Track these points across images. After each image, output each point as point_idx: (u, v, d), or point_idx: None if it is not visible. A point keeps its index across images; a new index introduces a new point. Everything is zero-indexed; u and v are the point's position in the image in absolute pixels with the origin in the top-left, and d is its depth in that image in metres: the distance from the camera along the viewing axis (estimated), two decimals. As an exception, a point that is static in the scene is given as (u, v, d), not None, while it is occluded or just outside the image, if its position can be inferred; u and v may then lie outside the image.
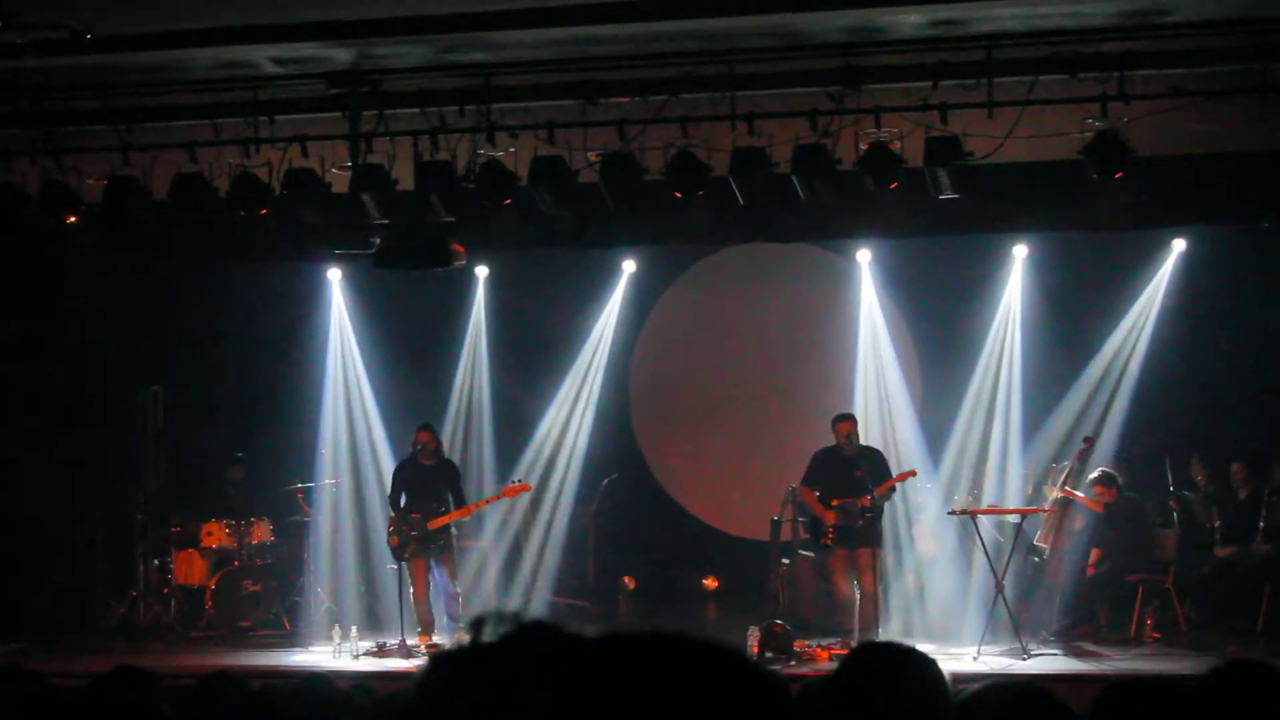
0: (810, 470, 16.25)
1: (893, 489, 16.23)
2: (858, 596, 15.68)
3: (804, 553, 17.61)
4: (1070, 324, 18.21)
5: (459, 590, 16.60)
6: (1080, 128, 13.87)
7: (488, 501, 17.44)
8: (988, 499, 17.41)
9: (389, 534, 16.59)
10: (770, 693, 1.91)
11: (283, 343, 19.37)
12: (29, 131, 15.27)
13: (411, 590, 16.40)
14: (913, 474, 16.74)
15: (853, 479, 15.79)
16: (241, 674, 7.24)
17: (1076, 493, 16.76)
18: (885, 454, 16.85)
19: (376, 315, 19.45)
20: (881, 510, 16.06)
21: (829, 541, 15.87)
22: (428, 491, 16.53)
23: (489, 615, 1.90)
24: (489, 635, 1.87)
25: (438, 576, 16.53)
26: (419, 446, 16.68)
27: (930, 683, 3.93)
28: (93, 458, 18.87)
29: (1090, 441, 17.04)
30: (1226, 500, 17.36)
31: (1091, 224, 15.74)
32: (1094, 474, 16.92)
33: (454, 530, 16.83)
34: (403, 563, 16.41)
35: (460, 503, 16.65)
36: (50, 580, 18.21)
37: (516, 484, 17.54)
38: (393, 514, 16.61)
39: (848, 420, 16.35)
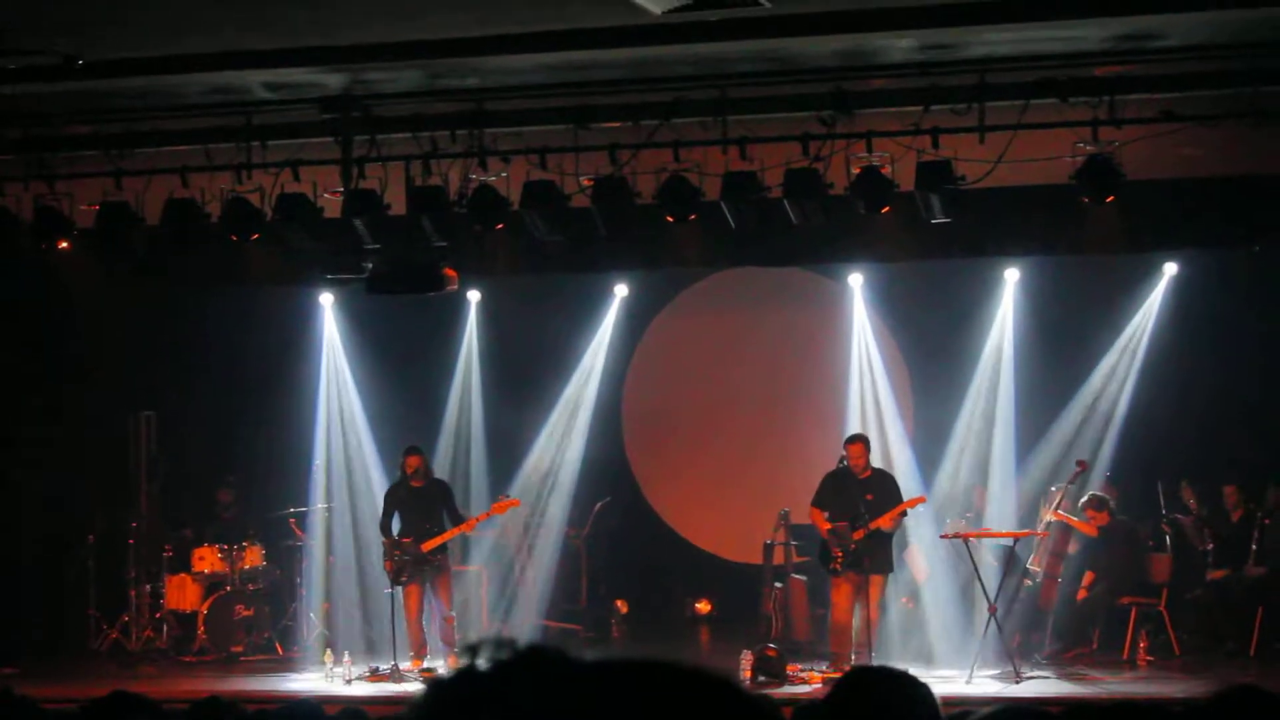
0: (818, 492, 16.12)
1: (903, 514, 16.06)
2: (855, 621, 15.60)
3: (797, 576, 17.58)
4: (1062, 347, 18.20)
5: (453, 614, 16.56)
6: (1071, 151, 13.90)
7: (479, 519, 17.30)
8: (980, 522, 17.39)
9: (384, 559, 16.53)
10: (762, 718, 1.92)
11: (275, 368, 19.34)
12: (21, 157, 15.28)
13: (405, 614, 16.37)
14: (922, 500, 16.68)
15: (856, 504, 15.63)
16: (234, 699, 7.24)
17: (1070, 516, 16.75)
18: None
19: (369, 340, 19.42)
20: (890, 536, 15.95)
21: (838, 567, 15.73)
22: (422, 513, 16.49)
23: (485, 640, 1.90)
24: (486, 660, 1.88)
25: (433, 600, 16.50)
26: (410, 470, 16.64)
27: (922, 707, 3.94)
28: (85, 482, 18.85)
29: (1083, 465, 17.03)
30: (1219, 523, 17.35)
31: (1083, 248, 15.77)
32: (1085, 497, 16.94)
33: (449, 552, 16.79)
34: (399, 587, 16.37)
35: (455, 521, 16.60)
36: (42, 604, 18.17)
37: (505, 499, 17.44)
38: (385, 539, 16.56)
39: (857, 442, 16.17)
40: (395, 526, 16.57)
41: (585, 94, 14.23)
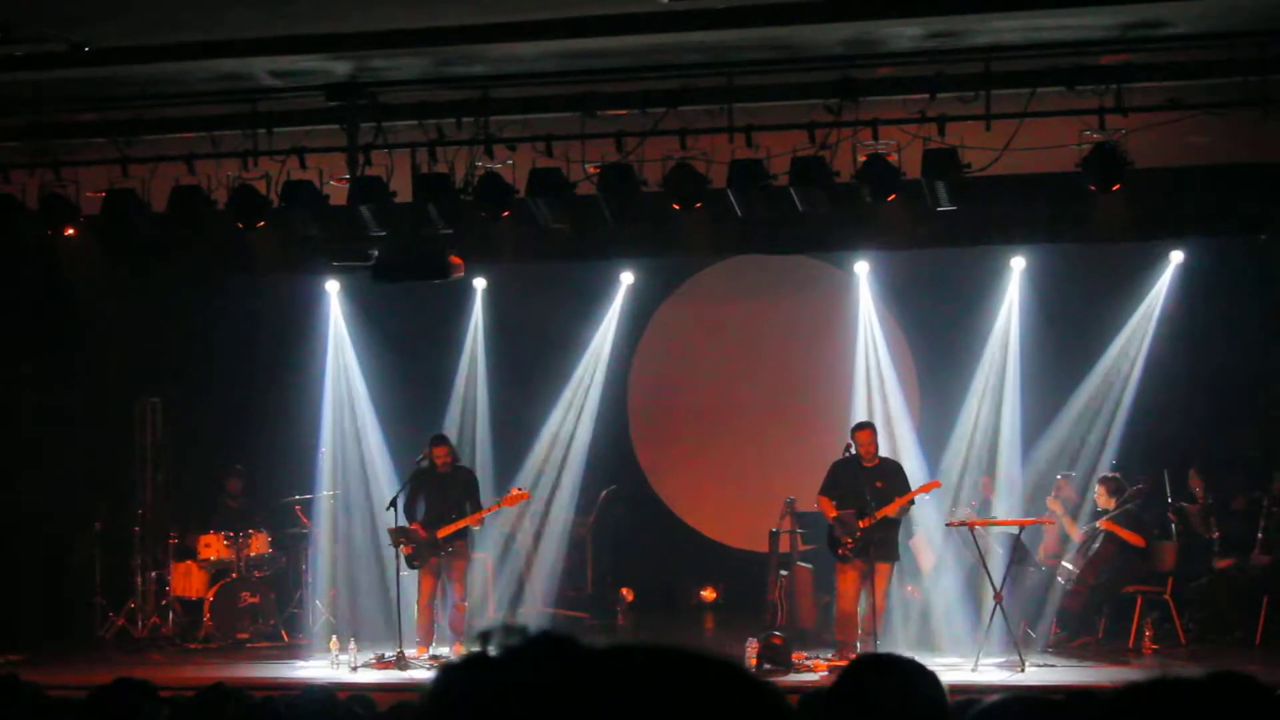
0: (826, 481, 16.02)
1: (911, 502, 15.98)
2: (861, 609, 15.56)
3: (803, 564, 17.58)
4: (1068, 335, 18.19)
5: (465, 603, 16.55)
6: (1078, 139, 13.89)
7: (488, 510, 17.22)
8: (986, 510, 17.38)
9: (400, 543, 16.38)
10: (768, 704, 1.92)
11: (281, 355, 19.35)
12: (27, 144, 15.28)
13: (416, 599, 16.35)
14: (937, 485, 16.65)
15: (863, 492, 15.54)
16: (239, 686, 7.24)
17: (1123, 528, 16.64)
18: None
19: (375, 327, 19.42)
20: (898, 524, 15.90)
21: (846, 554, 15.69)
22: (447, 499, 16.42)
23: (497, 627, 1.90)
24: (495, 646, 1.88)
25: (446, 587, 16.49)
26: (440, 460, 16.54)
27: (929, 694, 3.94)
28: (90, 469, 18.86)
29: (1148, 483, 16.96)
30: (1225, 511, 17.34)
31: (1089, 236, 15.76)
32: (1101, 474, 16.99)
33: (468, 540, 16.70)
34: (413, 570, 16.32)
35: (475, 510, 16.55)
36: (48, 592, 18.19)
37: (516, 492, 17.39)
38: (398, 524, 16.36)
39: (865, 429, 16.06)
40: (419, 511, 16.48)
41: (592, 81, 14.21)
